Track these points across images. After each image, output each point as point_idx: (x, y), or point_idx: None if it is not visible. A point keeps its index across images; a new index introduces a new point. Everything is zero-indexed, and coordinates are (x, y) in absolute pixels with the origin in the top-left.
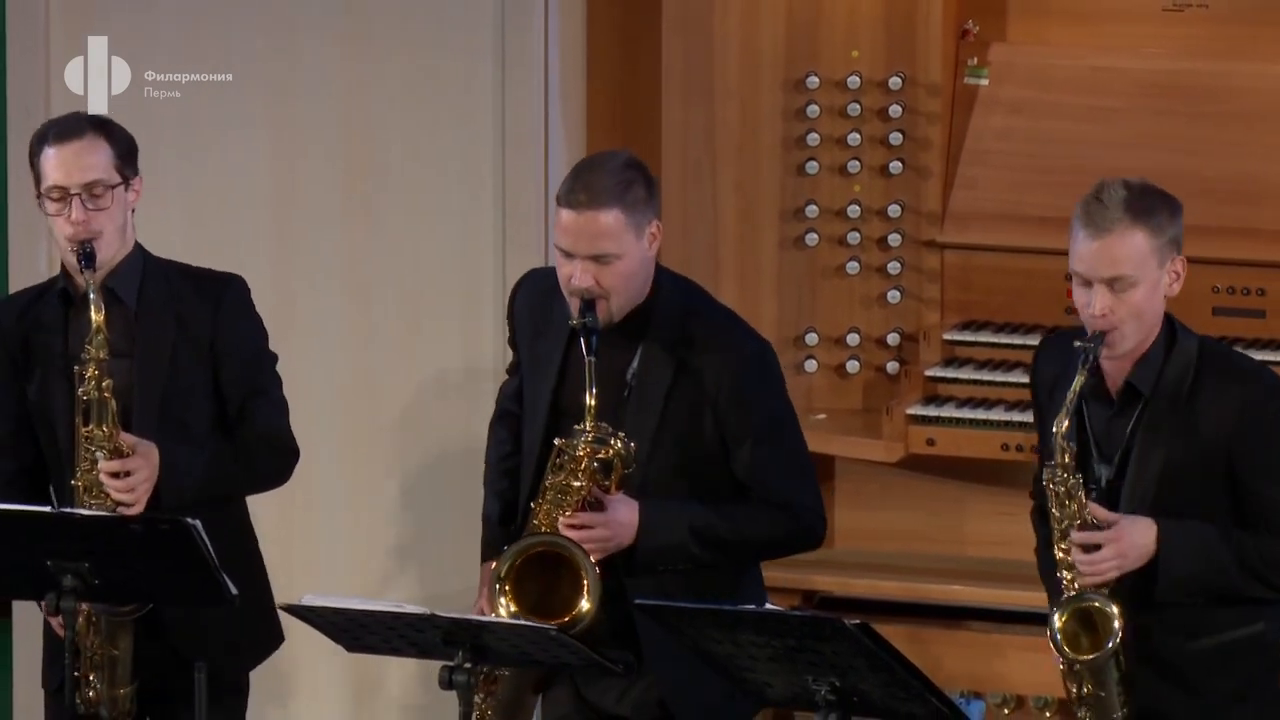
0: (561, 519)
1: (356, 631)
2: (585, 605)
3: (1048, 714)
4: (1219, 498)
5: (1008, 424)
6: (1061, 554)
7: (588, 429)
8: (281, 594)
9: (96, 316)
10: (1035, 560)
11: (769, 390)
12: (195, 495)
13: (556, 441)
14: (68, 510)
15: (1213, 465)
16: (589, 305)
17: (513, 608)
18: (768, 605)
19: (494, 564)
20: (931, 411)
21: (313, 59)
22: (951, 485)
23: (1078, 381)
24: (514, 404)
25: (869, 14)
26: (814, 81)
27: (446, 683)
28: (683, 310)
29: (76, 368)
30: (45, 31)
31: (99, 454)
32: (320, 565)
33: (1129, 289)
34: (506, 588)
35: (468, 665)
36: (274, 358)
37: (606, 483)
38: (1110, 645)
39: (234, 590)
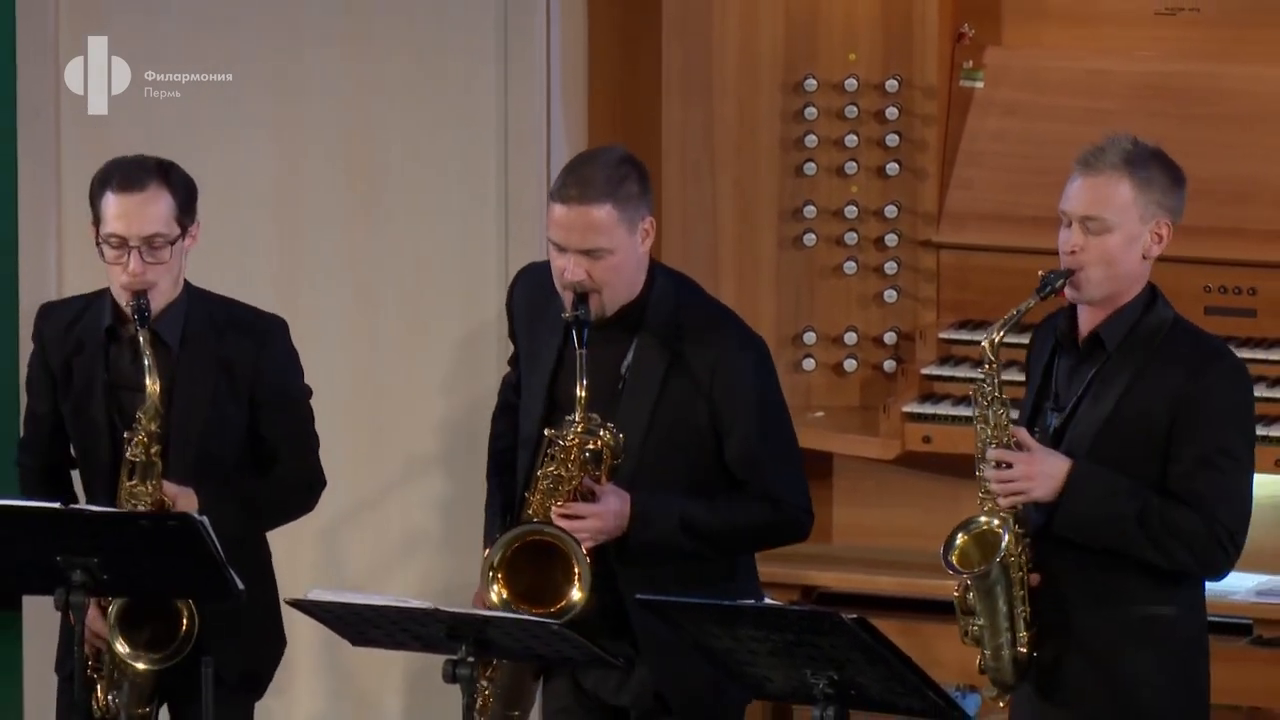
0: (554, 508)
1: (361, 626)
2: (576, 595)
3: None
4: (1150, 465)
5: None
6: (977, 474)
7: (577, 420)
8: (287, 589)
9: (152, 386)
10: None
11: (760, 383)
12: (228, 533)
13: (547, 432)
14: (77, 506)
15: (1152, 430)
16: (582, 299)
17: (504, 594)
18: (766, 600)
19: (485, 552)
20: (928, 409)
21: (315, 59)
22: (947, 482)
23: (1027, 302)
24: (514, 395)
25: (866, 17)
26: (812, 84)
27: (450, 676)
28: (676, 304)
29: (126, 434)
30: (55, 33)
31: (140, 507)
32: (325, 561)
33: (1103, 232)
34: (499, 575)
35: (471, 659)
36: (308, 392)
37: (597, 473)
38: (997, 557)
39: (240, 585)
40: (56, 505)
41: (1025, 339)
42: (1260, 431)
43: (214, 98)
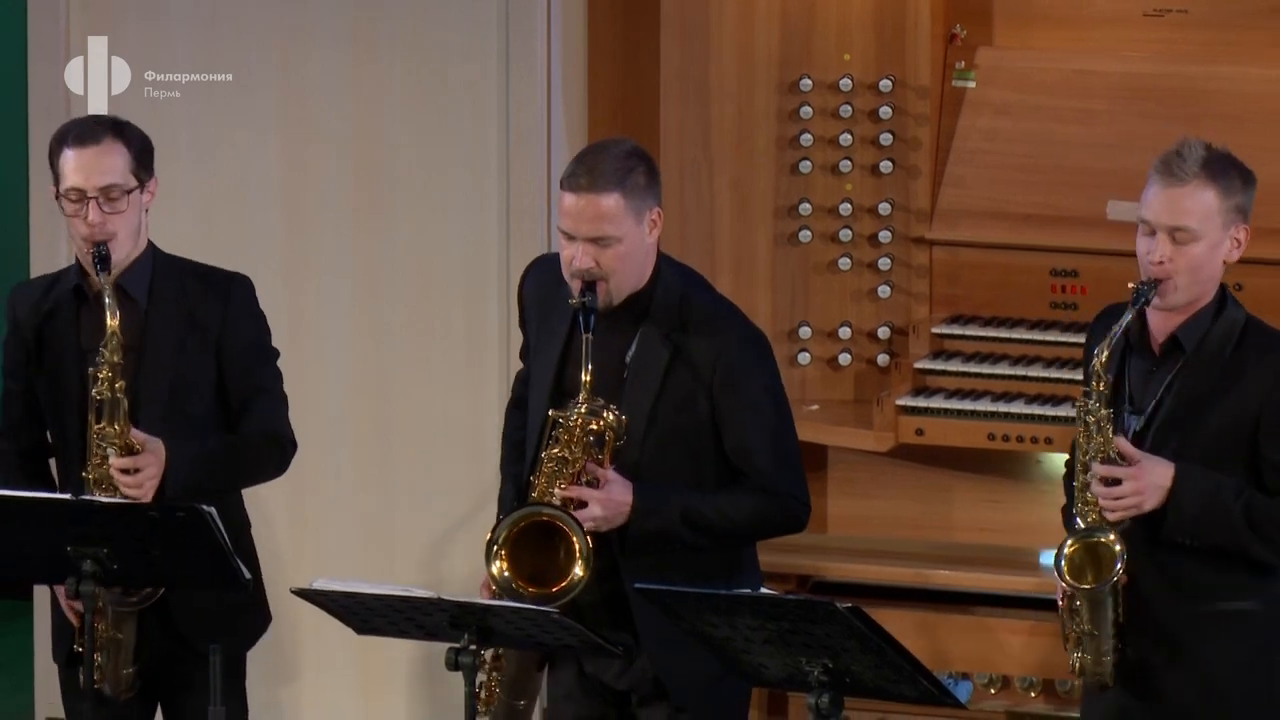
0: (558, 491)
1: (365, 614)
2: (579, 572)
3: (1033, 694)
4: (1238, 464)
5: (994, 414)
6: (1080, 486)
7: (581, 401)
8: (293, 580)
9: (111, 321)
10: (1021, 545)
11: (762, 377)
12: (198, 487)
13: (550, 413)
14: (88, 498)
15: (1239, 431)
16: (589, 286)
17: (506, 572)
18: (763, 589)
19: (489, 532)
20: (921, 402)
21: (316, 60)
22: (940, 473)
23: (1127, 316)
24: (526, 388)
25: (860, 19)
26: (807, 84)
27: (453, 664)
28: (681, 296)
29: (91, 369)
30: (65, 34)
31: (110, 450)
32: (330, 552)
33: (1190, 242)
34: (502, 552)
35: (473, 647)
36: (275, 353)
37: (600, 456)
38: (1113, 577)
39: (248, 575)
40: (67, 496)
41: (1009, 332)
42: None
43: (214, 97)
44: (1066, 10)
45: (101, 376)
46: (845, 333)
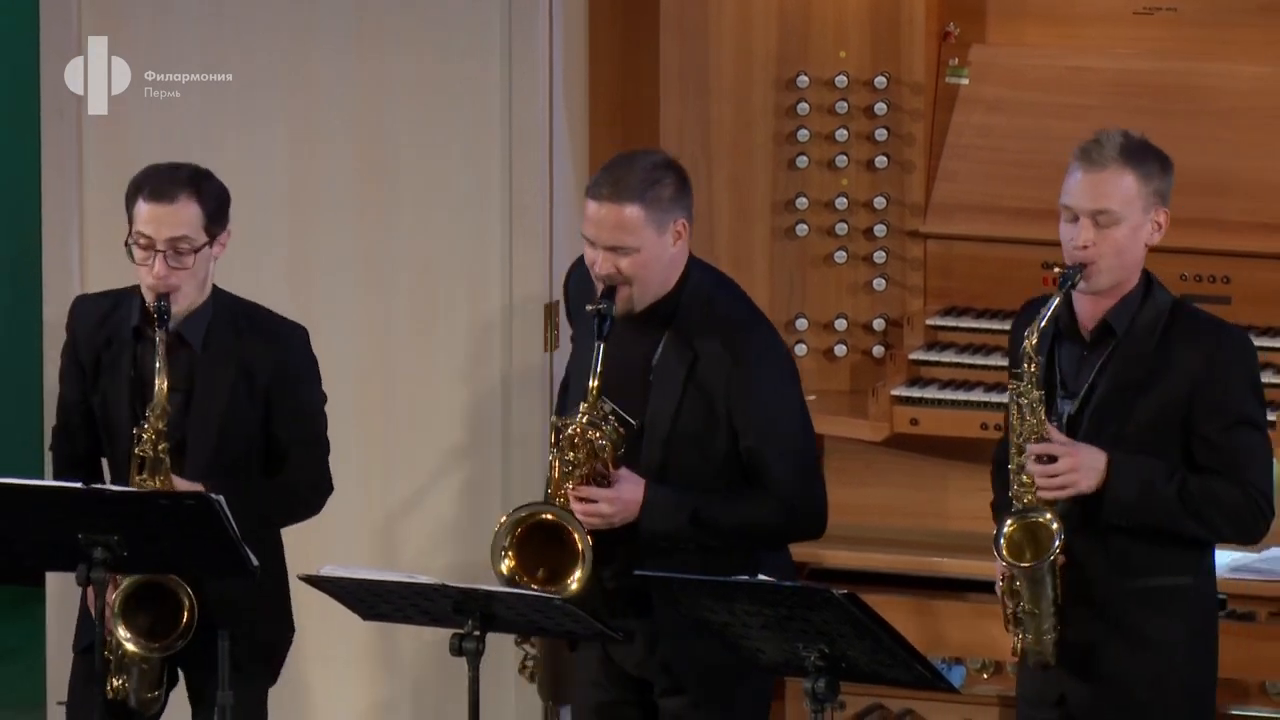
0: (570, 491)
1: (372, 601)
2: (578, 573)
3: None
4: (1170, 444)
5: (987, 404)
6: (1015, 468)
7: (583, 411)
8: (301, 567)
9: (160, 385)
10: None
11: (779, 389)
12: (240, 531)
13: (553, 420)
14: (97, 486)
15: (1171, 410)
16: (609, 292)
17: (514, 568)
18: (760, 576)
19: (496, 525)
20: (915, 393)
21: (315, 60)
22: (934, 462)
23: (1054, 300)
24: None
25: (856, 17)
26: (804, 81)
27: (457, 649)
28: (707, 301)
29: (135, 430)
30: (78, 35)
31: None
32: (338, 540)
33: (1112, 225)
34: (510, 550)
35: (477, 633)
36: (324, 399)
37: (602, 462)
38: (1050, 555)
39: (255, 562)
40: (78, 485)
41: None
42: None
43: (213, 97)
44: (1058, 8)
45: (145, 437)
46: (841, 324)
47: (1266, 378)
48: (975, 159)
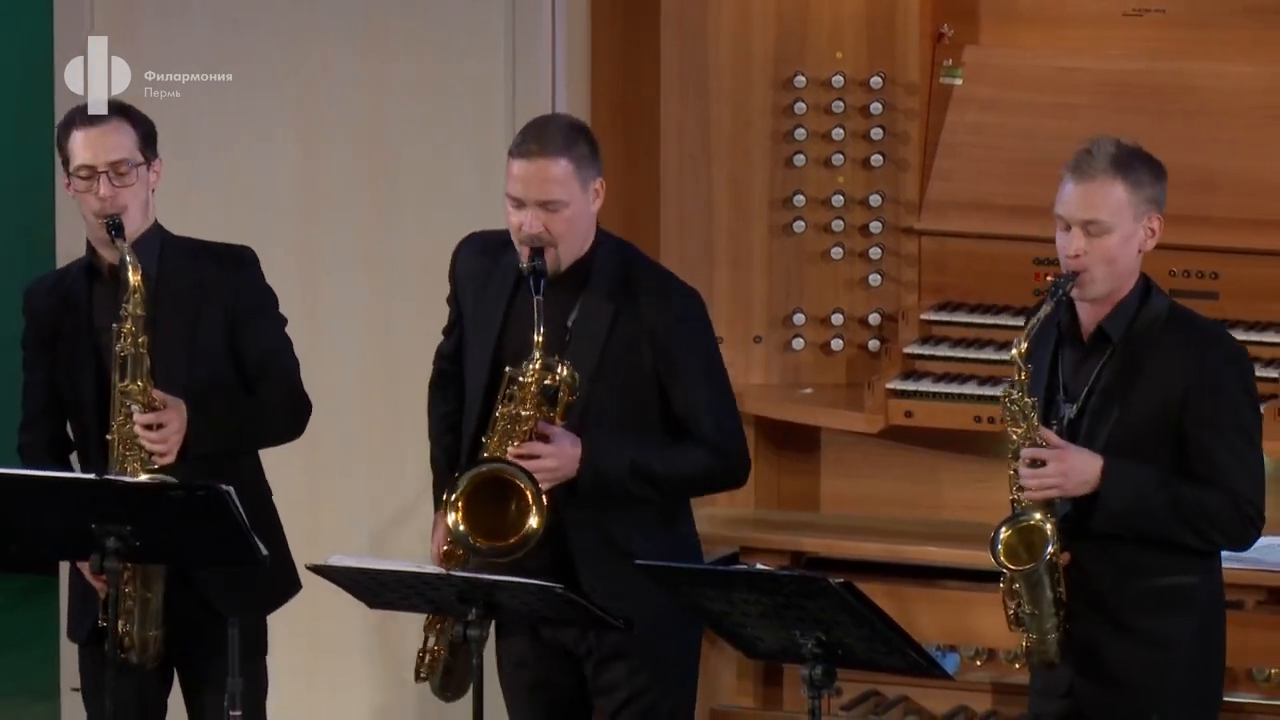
0: (510, 449)
1: (377, 589)
2: (534, 522)
3: (1017, 665)
4: (1164, 449)
5: (980, 397)
6: (1011, 473)
7: (536, 358)
8: (308, 557)
9: (134, 277)
10: None
11: (702, 336)
12: (219, 446)
13: (507, 370)
14: (111, 477)
15: (1166, 416)
16: (538, 252)
17: (462, 526)
18: (758, 566)
19: (445, 492)
20: (910, 386)
21: (315, 60)
22: (928, 454)
23: (1044, 308)
24: (449, 363)
25: (852, 18)
26: (801, 81)
27: (460, 637)
28: (622, 262)
29: (115, 325)
30: (90, 28)
31: (134, 408)
32: (344, 530)
33: (1103, 234)
34: (459, 505)
35: (480, 620)
36: (284, 320)
37: (552, 414)
38: (1044, 557)
39: (265, 551)
40: (92, 476)
41: (994, 319)
42: None
43: (213, 97)
44: (1049, 10)
45: (125, 330)
46: (838, 319)
47: (1255, 372)
48: (969, 157)
